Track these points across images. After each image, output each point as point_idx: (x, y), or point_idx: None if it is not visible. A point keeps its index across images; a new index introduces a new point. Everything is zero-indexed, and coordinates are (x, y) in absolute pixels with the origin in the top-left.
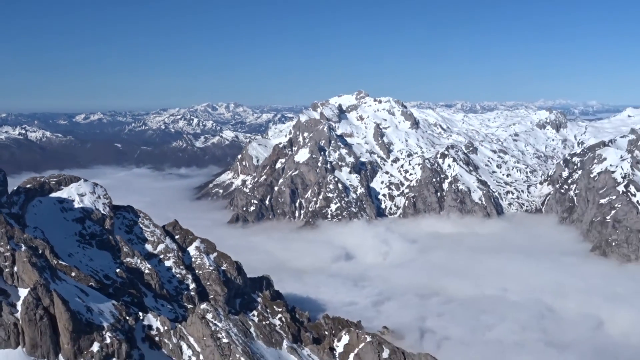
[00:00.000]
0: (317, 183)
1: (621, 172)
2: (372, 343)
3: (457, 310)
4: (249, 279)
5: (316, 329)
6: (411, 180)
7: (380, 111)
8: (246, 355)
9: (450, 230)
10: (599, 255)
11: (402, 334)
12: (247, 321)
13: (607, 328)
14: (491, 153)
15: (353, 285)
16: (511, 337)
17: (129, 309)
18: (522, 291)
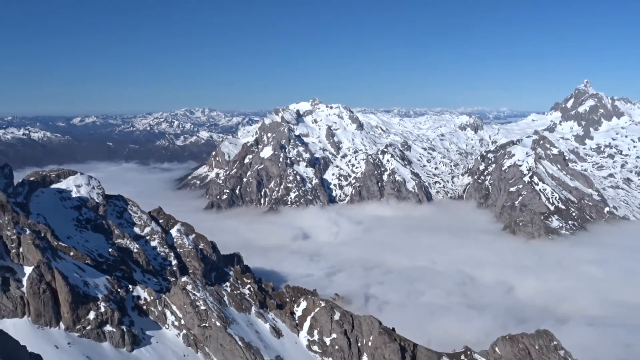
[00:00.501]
0: (279, 175)
1: (527, 165)
2: (325, 307)
3: (395, 279)
4: (222, 255)
5: (279, 296)
6: (357, 172)
7: (331, 115)
8: (220, 320)
9: (389, 213)
10: (509, 234)
11: (350, 299)
12: (221, 291)
13: (516, 292)
14: (422, 150)
15: (309, 260)
16: (439, 301)
17: (120, 282)
18: (447, 263)
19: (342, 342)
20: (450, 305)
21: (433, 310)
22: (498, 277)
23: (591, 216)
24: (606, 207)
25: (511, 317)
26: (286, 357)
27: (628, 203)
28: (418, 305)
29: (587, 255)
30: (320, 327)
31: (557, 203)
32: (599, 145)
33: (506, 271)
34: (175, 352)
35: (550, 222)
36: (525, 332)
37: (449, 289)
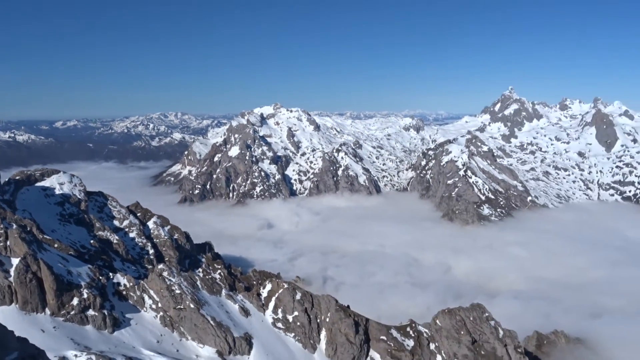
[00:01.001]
0: (245, 172)
1: (462, 161)
2: (288, 289)
3: (349, 262)
4: (195, 244)
5: (247, 280)
6: (315, 168)
7: (292, 118)
8: (194, 302)
9: (344, 204)
10: (447, 220)
11: (310, 281)
12: (194, 276)
13: (454, 271)
14: (372, 148)
15: (274, 246)
16: (388, 280)
17: (101, 270)
18: (394, 247)
19: (303, 319)
20: (398, 284)
21: (382, 289)
22: (438, 259)
23: (516, 204)
24: (529, 196)
25: (449, 293)
26: (254, 334)
27: (547, 193)
28: (369, 285)
29: (513, 238)
30: (284, 306)
31: (488, 193)
32: (522, 143)
33: (445, 253)
34: (153, 332)
35: (481, 210)
36: (461, 305)
37: (396, 269)
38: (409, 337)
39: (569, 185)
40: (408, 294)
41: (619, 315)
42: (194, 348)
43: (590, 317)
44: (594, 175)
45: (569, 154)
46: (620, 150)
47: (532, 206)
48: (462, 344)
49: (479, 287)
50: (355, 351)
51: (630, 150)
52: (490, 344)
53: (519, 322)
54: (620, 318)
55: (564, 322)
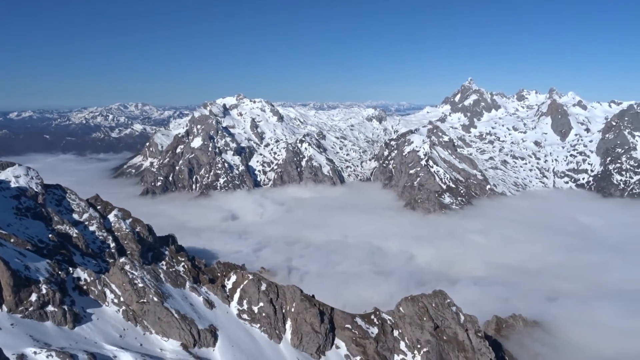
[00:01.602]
0: (208, 163)
1: (423, 151)
2: (253, 280)
3: (314, 252)
4: (157, 237)
5: (211, 272)
6: (278, 159)
7: (255, 109)
8: (157, 295)
9: (308, 195)
10: (409, 209)
11: (275, 271)
12: (157, 269)
13: (416, 259)
14: (335, 139)
15: (238, 238)
16: (352, 270)
17: (60, 265)
18: (358, 236)
19: (268, 309)
20: (362, 273)
21: (347, 278)
22: (401, 247)
23: (476, 193)
24: (488, 185)
25: (412, 281)
26: (219, 326)
27: (505, 181)
28: (334, 274)
29: (473, 226)
30: (249, 297)
31: (449, 182)
32: (481, 133)
33: (407, 242)
34: (116, 326)
35: (443, 199)
36: (424, 292)
37: (360, 258)
38: (373, 325)
39: (526, 174)
40: (372, 283)
41: (573, 299)
42: (158, 342)
43: (546, 300)
44: (549, 163)
45: (526, 143)
46: (574, 139)
47: (491, 194)
48: (424, 330)
49: (441, 274)
50: (320, 340)
51: (583, 139)
52: (452, 329)
53: (479, 307)
54: (575, 301)
55: (521, 306)
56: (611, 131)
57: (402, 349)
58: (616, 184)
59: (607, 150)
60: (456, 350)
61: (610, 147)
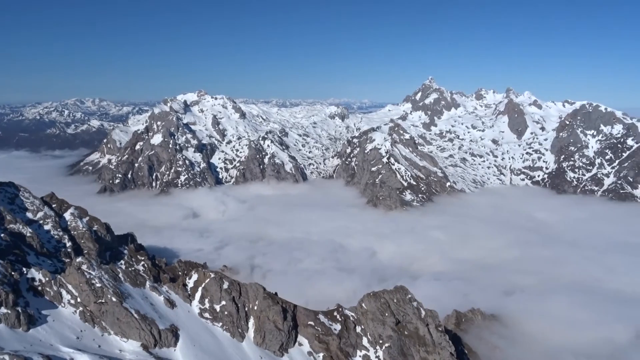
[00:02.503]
0: (169, 160)
1: (385, 149)
2: (215, 278)
3: (277, 250)
4: (116, 236)
5: (172, 271)
6: (241, 156)
7: (216, 105)
8: (116, 295)
9: (270, 192)
10: (371, 206)
11: (238, 270)
12: (116, 269)
13: (378, 256)
14: (298, 136)
15: (200, 236)
16: (315, 267)
17: (14, 265)
18: (321, 233)
19: (230, 308)
20: (324, 270)
21: (310, 275)
22: (363, 244)
23: (436, 190)
24: (448, 182)
25: (375, 277)
26: (180, 325)
27: (464, 178)
28: (297, 272)
29: (433, 222)
30: (211, 296)
31: (410, 180)
32: (442, 131)
33: (370, 238)
34: (72, 328)
35: (404, 195)
36: (385, 288)
37: (323, 255)
38: (336, 322)
39: (484, 171)
40: (335, 279)
41: (529, 292)
42: (117, 342)
43: (503, 294)
44: (506, 161)
45: (484, 141)
46: (529, 137)
47: (451, 191)
48: (386, 325)
49: (402, 270)
50: (283, 337)
51: (538, 138)
52: (413, 324)
53: (440, 302)
54: (530, 294)
55: (480, 301)
56: (565, 130)
57: (364, 344)
58: (569, 180)
59: (561, 149)
60: (417, 344)
61: (563, 146)
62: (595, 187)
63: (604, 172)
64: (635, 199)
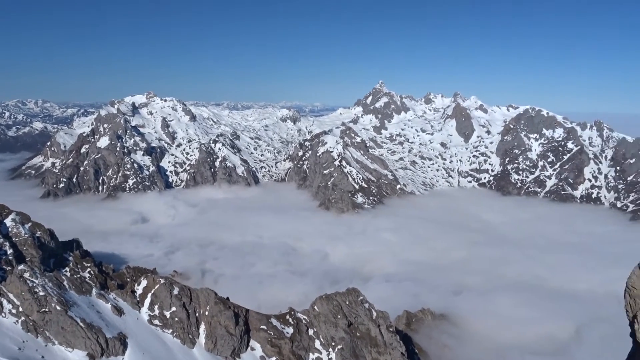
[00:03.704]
0: (116, 164)
1: (337, 152)
2: (165, 284)
3: (228, 254)
4: (61, 242)
5: (120, 277)
6: (191, 160)
7: (166, 108)
8: (60, 304)
9: (222, 196)
10: (323, 209)
11: (189, 275)
12: (60, 276)
13: (330, 258)
14: (249, 139)
15: (149, 241)
16: (267, 270)
17: None
18: (273, 236)
19: (181, 314)
20: (277, 274)
21: (262, 279)
22: (315, 247)
23: (387, 192)
24: (398, 184)
25: (327, 279)
26: (128, 333)
27: (414, 181)
28: (249, 276)
29: (384, 224)
30: (161, 302)
31: (361, 182)
32: (392, 135)
33: (322, 241)
34: (14, 338)
35: (356, 198)
36: (338, 291)
37: (275, 259)
38: (288, 325)
39: (433, 174)
40: (287, 283)
41: (476, 291)
42: (62, 353)
43: (452, 294)
44: (454, 164)
45: (433, 145)
46: (476, 141)
47: (401, 194)
48: (339, 328)
49: (354, 272)
50: (235, 342)
51: (484, 141)
52: (365, 326)
53: (391, 303)
54: (478, 293)
55: (430, 301)
56: (509, 133)
57: (317, 347)
58: (514, 182)
59: (505, 152)
60: (369, 345)
61: (508, 149)
62: (538, 189)
63: (546, 174)
64: (575, 199)
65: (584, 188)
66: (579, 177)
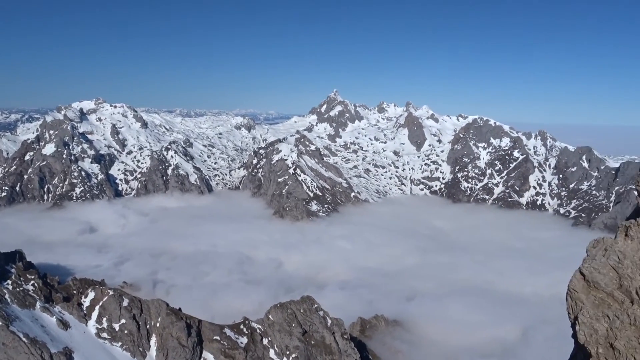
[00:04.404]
0: (63, 172)
1: (291, 160)
2: (114, 296)
3: (181, 264)
4: (2, 254)
5: (66, 290)
6: (142, 167)
7: (116, 114)
8: (2, 319)
9: (174, 204)
10: (278, 217)
11: (139, 286)
12: (1, 289)
13: (285, 266)
14: (203, 147)
15: (97, 251)
16: (221, 280)
17: None
18: (227, 245)
19: (131, 326)
20: (231, 283)
21: (216, 289)
22: (270, 255)
23: (341, 200)
24: (352, 192)
25: (281, 288)
26: (74, 347)
27: (368, 188)
28: (203, 286)
29: (339, 232)
30: (109, 314)
31: (316, 190)
32: (346, 143)
33: (276, 249)
34: None
35: (310, 206)
36: (292, 299)
37: (229, 268)
38: (242, 335)
39: (387, 182)
40: (241, 292)
41: (428, 297)
42: None
43: (405, 300)
44: (407, 172)
45: (386, 153)
46: (428, 149)
47: (356, 201)
48: (293, 336)
49: (309, 280)
50: (187, 354)
51: (436, 150)
52: (319, 333)
53: (345, 310)
54: (429, 299)
55: (383, 307)
56: (459, 142)
57: (271, 356)
58: (464, 190)
59: (455, 160)
60: (324, 353)
61: (458, 157)
62: (487, 196)
63: (493, 182)
64: (521, 206)
65: (529, 195)
66: (525, 184)
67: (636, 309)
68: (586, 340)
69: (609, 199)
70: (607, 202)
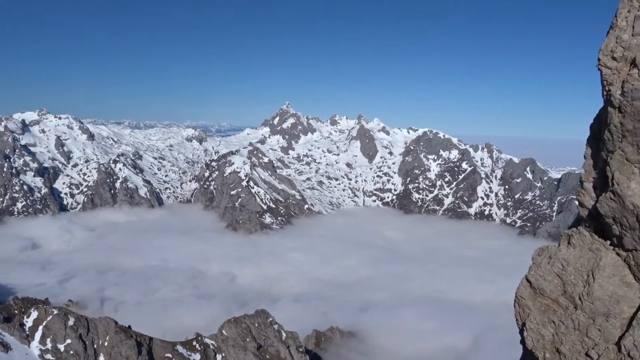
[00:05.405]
0: (3, 185)
1: (244, 172)
2: (59, 315)
3: (130, 280)
4: None
5: (7, 309)
6: (89, 181)
7: (61, 126)
8: None
9: (123, 219)
10: (231, 230)
11: (86, 304)
12: None
13: (238, 280)
14: (153, 159)
15: (41, 269)
16: (172, 295)
17: None
18: (179, 260)
19: (77, 346)
20: (183, 298)
21: (167, 304)
22: (223, 269)
23: (295, 212)
24: (306, 204)
25: (235, 302)
26: None
27: (321, 200)
28: (153, 302)
29: (292, 244)
30: (54, 334)
31: (269, 203)
32: (299, 155)
33: (230, 263)
34: None
35: (264, 219)
36: (246, 313)
37: (181, 283)
38: (195, 351)
39: (340, 193)
40: (194, 307)
41: (381, 307)
42: None
43: (359, 311)
44: (359, 183)
45: (339, 165)
46: (379, 161)
47: (309, 213)
48: (248, 351)
49: (263, 294)
50: None
51: (387, 162)
52: (274, 347)
53: (300, 322)
54: (383, 309)
55: (338, 318)
56: (410, 154)
57: None
58: (415, 201)
59: (407, 172)
60: None
61: (409, 169)
62: (437, 207)
63: (444, 193)
64: (470, 216)
65: (477, 205)
66: (473, 195)
67: (579, 314)
68: (534, 345)
69: (552, 208)
70: (551, 212)
